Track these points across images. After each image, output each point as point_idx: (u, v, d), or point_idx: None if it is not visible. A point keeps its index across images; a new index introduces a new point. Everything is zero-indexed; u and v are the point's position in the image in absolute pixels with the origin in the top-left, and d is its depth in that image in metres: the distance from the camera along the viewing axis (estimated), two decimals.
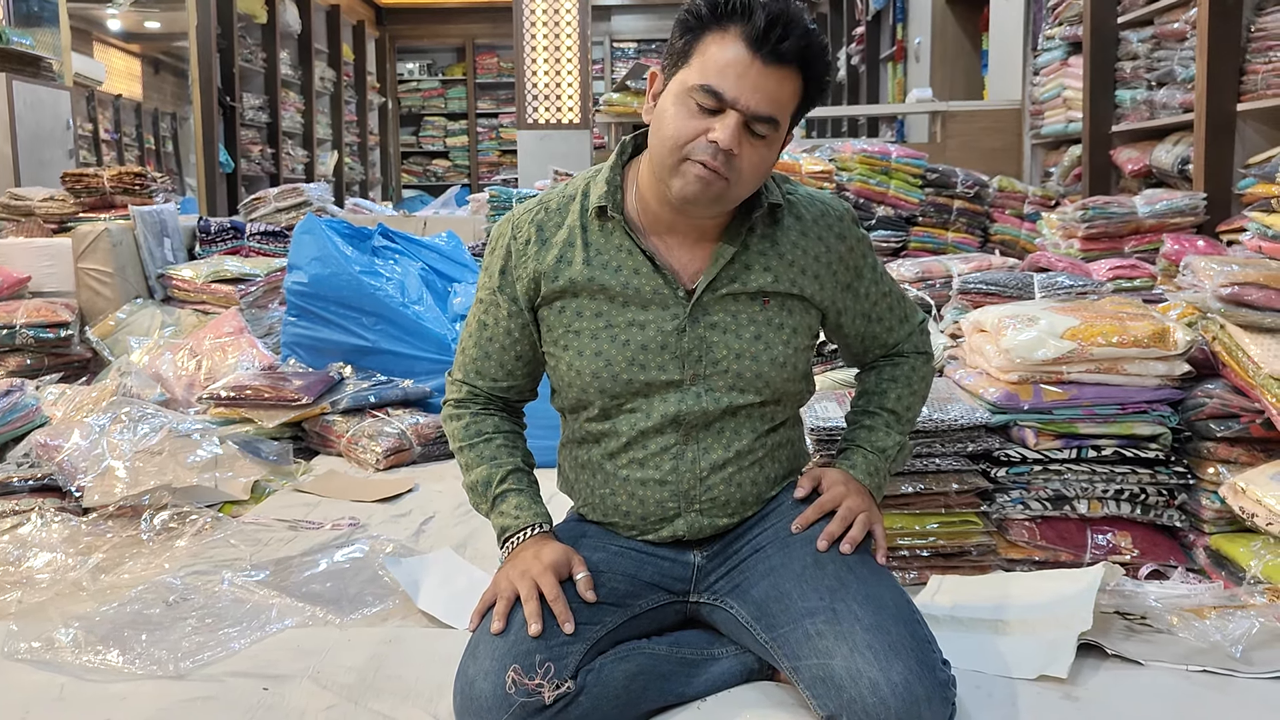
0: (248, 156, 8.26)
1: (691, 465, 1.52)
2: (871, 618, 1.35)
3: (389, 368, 3.44)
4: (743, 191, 1.44)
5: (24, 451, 2.73)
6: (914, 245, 4.11)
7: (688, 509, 1.53)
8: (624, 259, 1.49)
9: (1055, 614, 1.72)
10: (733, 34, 1.36)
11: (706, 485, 1.52)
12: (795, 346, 1.53)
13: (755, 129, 1.38)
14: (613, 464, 1.55)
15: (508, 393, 1.64)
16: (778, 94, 1.38)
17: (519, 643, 1.37)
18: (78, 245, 4.10)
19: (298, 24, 9.29)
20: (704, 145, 1.37)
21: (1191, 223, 3.40)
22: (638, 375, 1.49)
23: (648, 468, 1.52)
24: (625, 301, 1.49)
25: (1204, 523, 2.00)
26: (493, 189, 4.57)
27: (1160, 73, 3.90)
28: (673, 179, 1.41)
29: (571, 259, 1.51)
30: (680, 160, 1.39)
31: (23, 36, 5.40)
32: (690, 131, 1.38)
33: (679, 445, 1.52)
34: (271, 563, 2.16)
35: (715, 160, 1.37)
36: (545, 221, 1.54)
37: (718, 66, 1.36)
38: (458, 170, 12.56)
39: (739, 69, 1.35)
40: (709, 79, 1.36)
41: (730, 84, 1.35)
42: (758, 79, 1.36)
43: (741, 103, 1.36)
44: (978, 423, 2.05)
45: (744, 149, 1.38)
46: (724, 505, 1.54)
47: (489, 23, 11.81)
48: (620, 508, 1.55)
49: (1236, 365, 2.01)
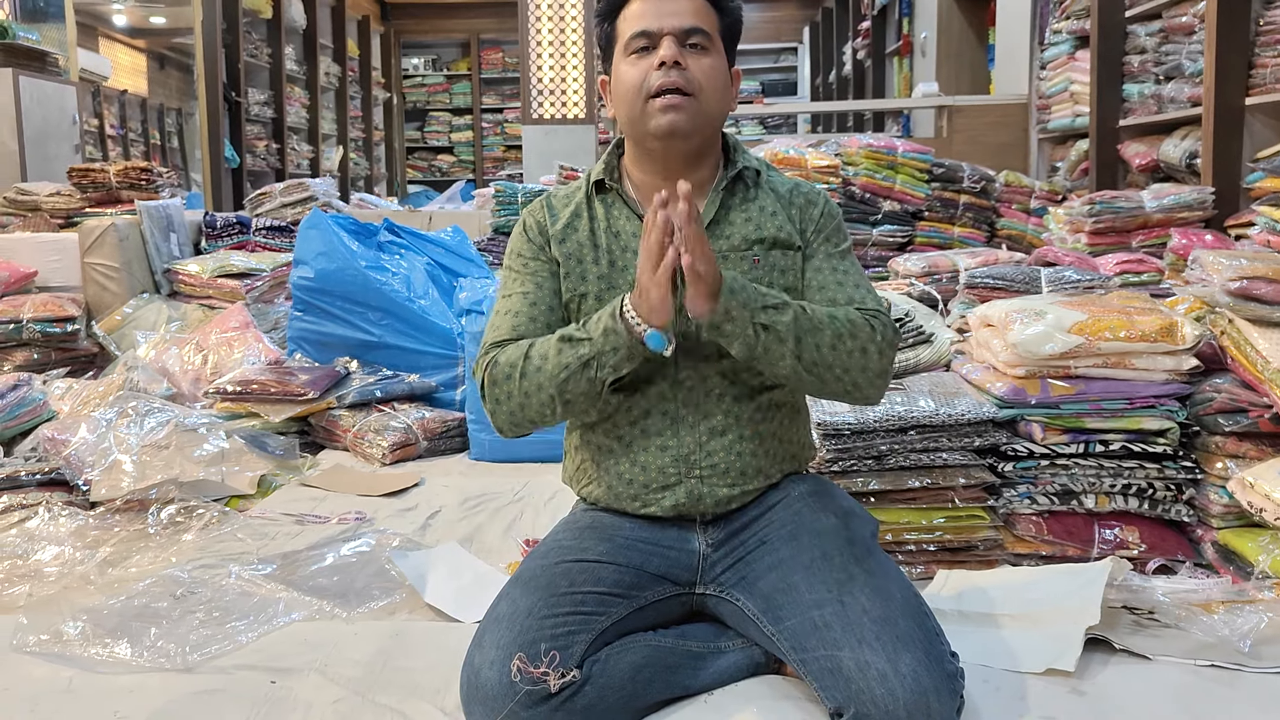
0: (253, 152, 8.26)
1: (691, 430, 1.55)
2: (880, 610, 1.35)
3: (395, 362, 3.44)
4: (710, 105, 1.54)
5: (31, 446, 2.74)
6: (920, 240, 4.10)
7: (688, 475, 1.55)
8: (623, 224, 1.60)
9: (1063, 608, 1.72)
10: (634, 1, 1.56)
11: (706, 451, 1.55)
12: None
13: (690, 43, 1.53)
14: (615, 430, 1.58)
15: None
16: (692, 9, 1.55)
17: (525, 631, 1.38)
18: (84, 240, 4.10)
19: (303, 19, 9.28)
20: (656, 75, 1.51)
21: (1199, 217, 3.39)
22: None
23: (650, 434, 1.56)
24: (624, 266, 1.58)
25: (1212, 517, 2.00)
26: (498, 184, 4.57)
27: (1168, 67, 3.89)
28: (647, 123, 1.53)
29: (578, 226, 1.61)
30: (645, 101, 1.52)
31: (29, 32, 5.41)
32: (640, 73, 1.53)
33: (679, 409, 1.55)
34: (278, 556, 2.16)
35: (670, 77, 1.50)
36: (554, 202, 1.67)
37: (634, 20, 1.55)
38: (463, 165, 12.55)
39: (649, 10, 1.55)
40: (633, 29, 1.54)
41: (649, 21, 1.54)
42: (664, 6, 1.54)
43: (666, 27, 1.52)
44: (985, 417, 2.05)
45: (689, 60, 1.52)
46: (724, 474, 1.55)
47: (494, 17, 11.78)
48: (624, 475, 1.57)
49: (1245, 360, 2.00)
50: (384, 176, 11.66)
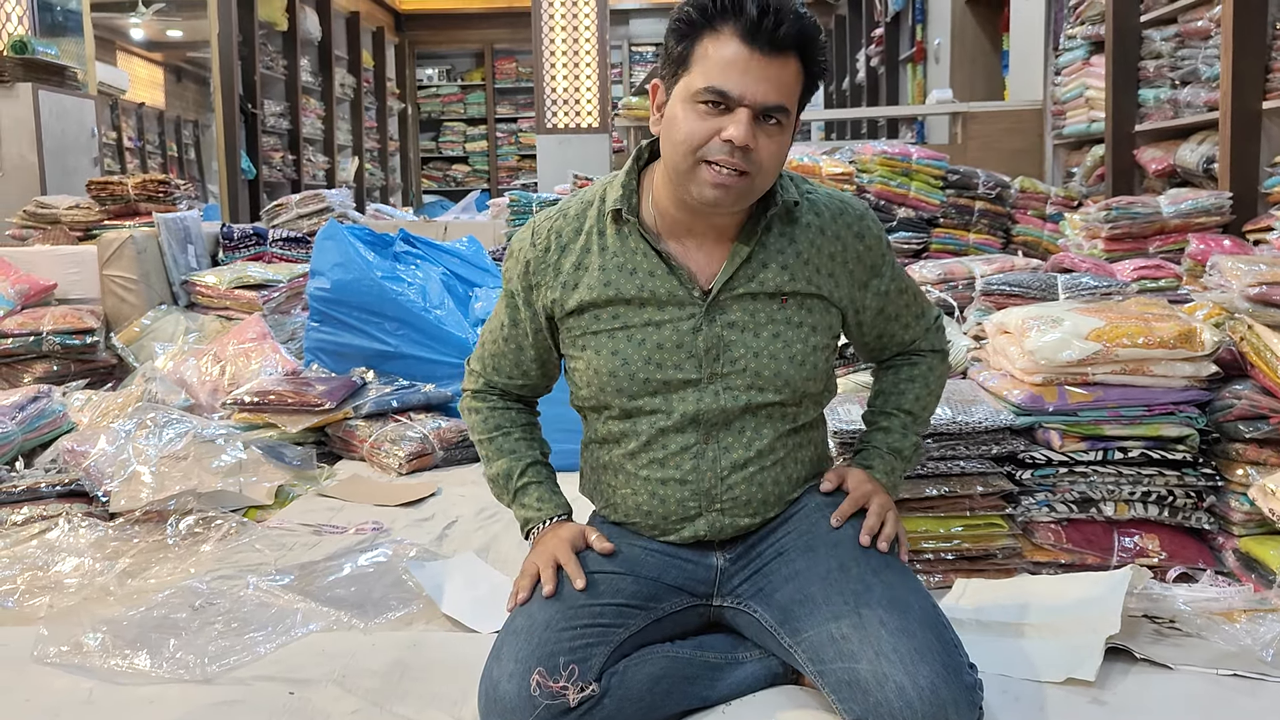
0: (269, 163, 8.31)
1: (712, 464, 1.52)
2: (897, 621, 1.35)
3: (411, 372, 3.45)
4: (764, 183, 1.44)
5: (51, 457, 2.76)
6: (935, 247, 4.08)
7: (709, 508, 1.53)
8: (639, 261, 1.50)
9: (1082, 617, 1.71)
10: (727, 32, 1.37)
11: (728, 484, 1.52)
12: (814, 345, 1.52)
13: (767, 120, 1.38)
14: (634, 464, 1.55)
15: (522, 390, 1.69)
16: (782, 82, 1.38)
17: (543, 644, 1.38)
18: (103, 252, 4.14)
19: (318, 31, 9.34)
20: (719, 145, 1.37)
21: (1217, 222, 3.37)
22: (654, 374, 1.50)
23: (668, 467, 1.53)
24: (642, 303, 1.50)
25: (1233, 525, 1.98)
26: (512, 193, 4.58)
27: (1184, 71, 3.87)
28: (691, 184, 1.41)
29: (588, 264, 1.52)
30: (696, 163, 1.39)
31: (48, 46, 5.46)
32: (703, 133, 1.38)
33: (699, 444, 1.52)
34: (296, 567, 2.17)
35: (733, 158, 1.37)
36: (563, 228, 1.55)
37: (719, 66, 1.36)
38: (477, 175, 12.60)
39: (741, 65, 1.36)
40: (713, 80, 1.37)
41: (735, 81, 1.36)
42: (761, 71, 1.36)
43: (749, 98, 1.36)
44: (1002, 425, 2.04)
45: (760, 141, 1.38)
46: (745, 505, 1.53)
47: (508, 28, 11.83)
48: (641, 507, 1.55)
49: (1265, 366, 1.99)
50: (399, 187, 11.71)
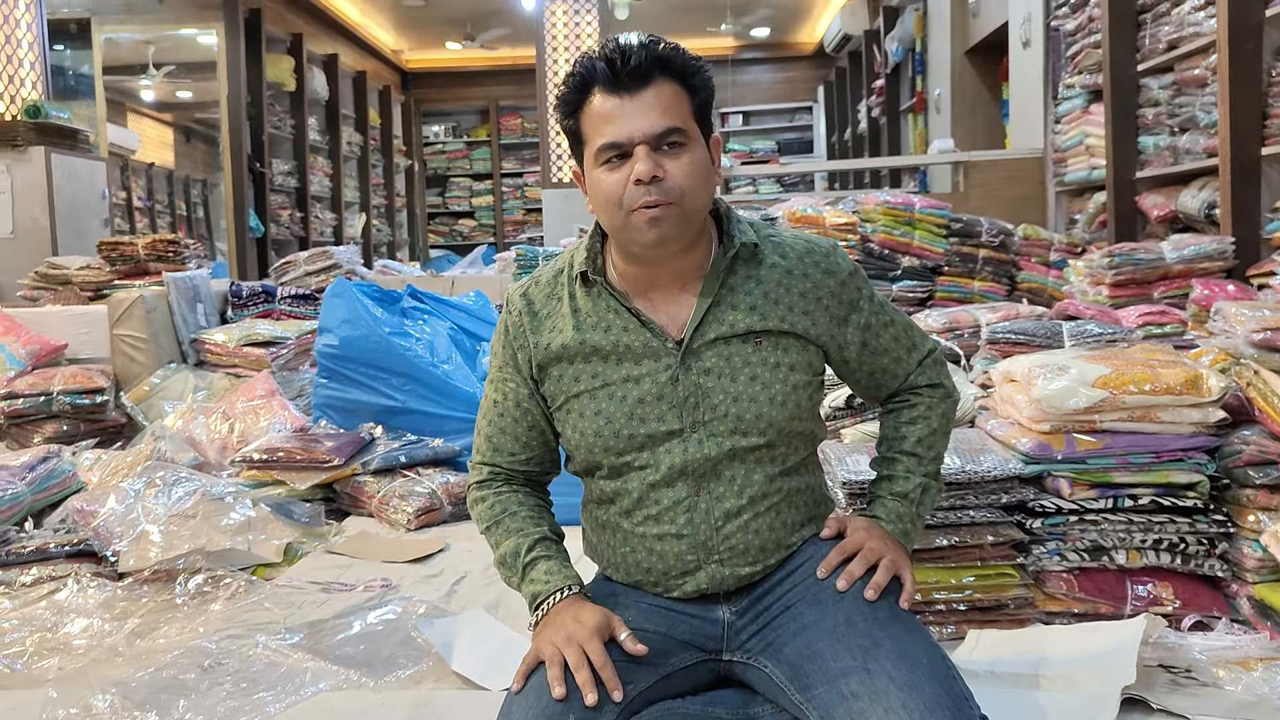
0: (277, 221, 8.40)
1: (705, 515, 1.51)
2: (906, 676, 1.33)
3: (419, 427, 3.46)
4: (695, 203, 1.47)
5: (61, 517, 2.76)
6: (940, 295, 4.10)
7: (707, 560, 1.52)
8: (611, 319, 1.53)
9: (1097, 668, 1.69)
10: (596, 93, 1.46)
11: (723, 535, 1.52)
12: (794, 384, 1.52)
13: (665, 145, 1.44)
14: (629, 522, 1.55)
15: (528, 465, 1.65)
16: (661, 107, 1.44)
17: (551, 704, 1.36)
18: (113, 312, 4.17)
19: (325, 91, 9.50)
20: (635, 190, 1.43)
21: (1220, 267, 3.38)
22: (638, 429, 1.50)
23: (663, 523, 1.52)
24: (618, 359, 1.52)
25: (1247, 572, 1.97)
26: (519, 247, 4.61)
27: (1182, 118, 3.91)
28: (630, 235, 1.46)
29: (562, 326, 1.55)
30: (626, 215, 1.45)
31: (61, 110, 5.55)
32: (617, 185, 1.44)
33: (690, 497, 1.52)
34: (305, 625, 2.16)
35: (650, 195, 1.43)
36: (535, 294, 1.60)
37: (601, 123, 1.45)
38: (484, 229, 12.71)
39: (617, 113, 1.44)
40: (604, 138, 1.44)
41: (616, 128, 1.43)
42: (634, 109, 1.43)
43: (637, 136, 1.43)
44: (1011, 474, 2.04)
45: (667, 166, 1.44)
46: (743, 554, 1.53)
47: (512, 84, 12.01)
48: (641, 565, 1.55)
49: (1272, 411, 1.99)
50: (406, 242, 11.81)
